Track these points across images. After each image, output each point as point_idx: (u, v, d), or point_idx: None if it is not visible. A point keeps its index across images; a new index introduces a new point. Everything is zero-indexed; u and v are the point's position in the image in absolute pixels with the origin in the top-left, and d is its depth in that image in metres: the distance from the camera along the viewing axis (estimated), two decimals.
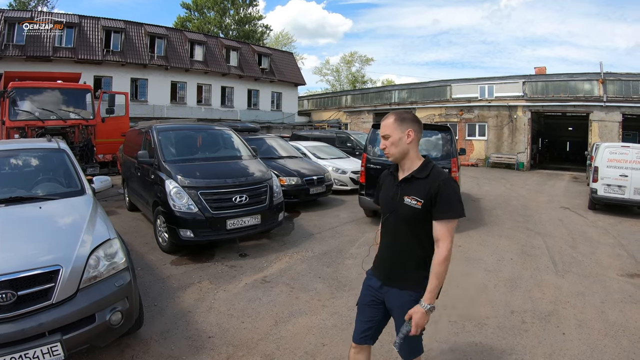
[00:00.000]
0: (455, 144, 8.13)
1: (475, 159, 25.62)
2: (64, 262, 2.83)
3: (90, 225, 3.32)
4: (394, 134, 2.23)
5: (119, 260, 3.19)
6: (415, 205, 2.18)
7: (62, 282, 2.77)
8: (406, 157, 2.27)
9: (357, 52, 60.60)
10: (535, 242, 7.15)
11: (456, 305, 4.39)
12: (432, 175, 2.20)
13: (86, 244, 3.05)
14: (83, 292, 2.86)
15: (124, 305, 3.04)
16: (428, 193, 2.15)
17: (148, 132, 7.19)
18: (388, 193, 2.37)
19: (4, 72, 11.82)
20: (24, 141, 6.12)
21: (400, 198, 2.25)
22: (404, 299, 2.26)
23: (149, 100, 26.34)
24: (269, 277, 5.19)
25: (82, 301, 2.83)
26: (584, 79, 22.80)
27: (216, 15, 44.40)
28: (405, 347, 2.26)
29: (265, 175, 6.74)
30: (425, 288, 2.20)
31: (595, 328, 4.00)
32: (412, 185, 2.23)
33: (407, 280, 2.27)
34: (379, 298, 2.40)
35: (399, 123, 2.25)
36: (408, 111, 2.35)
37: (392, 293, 2.32)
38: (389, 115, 2.29)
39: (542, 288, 5.02)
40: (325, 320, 4.03)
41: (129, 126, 11.81)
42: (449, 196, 2.13)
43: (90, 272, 2.94)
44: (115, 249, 3.23)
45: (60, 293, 2.75)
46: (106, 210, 8.89)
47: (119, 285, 3.05)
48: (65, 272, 2.80)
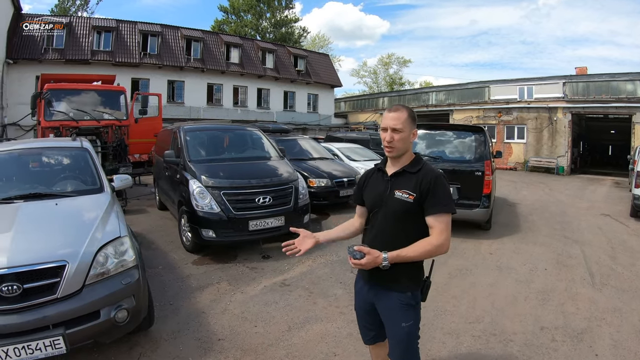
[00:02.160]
0: (490, 146, 7.80)
1: (513, 163, 24.76)
2: (70, 258, 2.84)
3: (102, 223, 3.31)
4: (406, 130, 2.09)
5: (129, 258, 3.17)
6: (407, 199, 2.06)
7: (68, 277, 2.79)
8: (405, 154, 2.15)
9: (394, 53, 59.69)
10: (572, 251, 6.72)
11: (481, 318, 4.14)
12: (423, 170, 2.11)
13: (95, 241, 3.05)
14: (89, 288, 2.87)
15: (130, 303, 3.02)
16: (420, 187, 2.04)
17: (176, 132, 7.25)
18: (377, 188, 2.23)
19: (40, 75, 12.23)
20: (48, 140, 6.27)
21: (390, 192, 2.13)
22: (392, 301, 2.13)
23: (185, 102, 26.79)
24: (288, 280, 5.09)
25: (88, 297, 2.84)
26: (626, 79, 21.68)
27: (253, 18, 44.90)
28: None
29: (291, 176, 6.65)
30: (415, 287, 2.11)
31: (631, 350, 3.63)
32: (403, 179, 2.12)
33: (395, 280, 2.11)
34: (369, 301, 2.27)
35: (412, 120, 2.12)
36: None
37: (380, 295, 2.18)
38: (399, 108, 2.13)
39: (577, 302, 4.67)
40: (341, 329, 3.86)
41: (161, 127, 11.99)
42: (441, 192, 2.05)
43: (97, 269, 2.95)
44: (126, 247, 3.21)
45: (65, 288, 2.78)
46: (137, 208, 9.35)
47: (125, 283, 3.02)
48: (72, 268, 2.81)
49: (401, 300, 2.09)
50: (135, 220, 8.13)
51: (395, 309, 2.10)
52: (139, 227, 7.52)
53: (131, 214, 8.77)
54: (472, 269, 5.66)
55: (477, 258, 6.20)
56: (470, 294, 4.80)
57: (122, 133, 10.43)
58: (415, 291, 2.14)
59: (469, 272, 5.54)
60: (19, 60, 21.22)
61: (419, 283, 2.17)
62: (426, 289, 2.18)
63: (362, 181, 2.40)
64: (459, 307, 4.39)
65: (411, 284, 2.13)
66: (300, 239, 2.32)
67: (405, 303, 2.09)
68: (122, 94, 11.00)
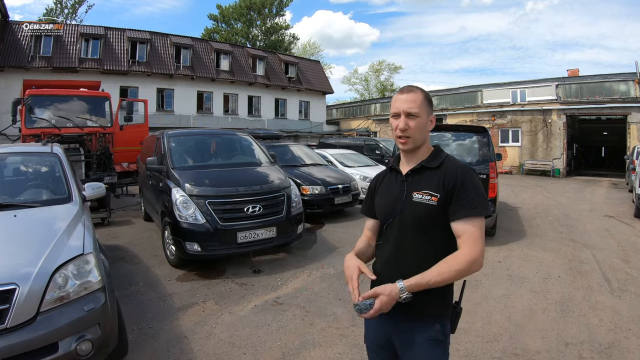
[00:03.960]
0: (492, 147, 7.40)
1: (509, 166, 24.47)
2: (21, 280, 2.39)
3: (64, 237, 2.85)
4: (423, 115, 1.65)
5: (93, 279, 2.69)
6: (429, 202, 1.60)
7: (18, 303, 2.33)
8: (422, 146, 1.71)
9: (385, 60, 59.92)
10: (583, 256, 6.34)
11: (499, 336, 3.70)
12: (445, 163, 1.66)
13: (53, 259, 2.58)
14: (44, 316, 2.41)
15: (95, 333, 2.55)
16: (444, 185, 1.58)
17: (159, 138, 6.81)
18: (390, 193, 1.76)
19: (23, 80, 11.77)
20: (15, 145, 5.81)
21: (407, 195, 1.66)
22: (415, 337, 1.63)
23: (175, 110, 26.38)
24: (282, 298, 4.60)
25: (43, 327, 2.38)
26: (619, 80, 21.59)
27: (243, 26, 44.64)
28: None
29: (283, 183, 6.19)
30: (444, 317, 1.63)
31: None
32: (422, 178, 1.67)
33: (418, 309, 1.60)
34: (384, 334, 1.75)
35: (428, 103, 1.68)
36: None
37: (399, 327, 1.68)
38: (412, 88, 1.69)
39: (598, 312, 4.26)
40: (342, 355, 3.37)
41: (148, 134, 11.55)
42: (471, 188, 1.58)
43: (55, 292, 2.48)
44: (90, 265, 2.73)
45: (15, 316, 2.32)
46: (122, 220, 8.87)
47: (89, 310, 2.55)
48: (22, 292, 2.36)
49: (427, 335, 1.60)
50: (119, 232, 7.71)
51: (420, 347, 1.61)
52: (122, 240, 7.08)
53: (115, 225, 8.35)
54: (482, 279, 5.23)
55: (486, 267, 5.76)
56: (484, 308, 4.36)
57: (107, 141, 9.98)
58: (445, 321, 1.65)
59: (479, 283, 5.10)
60: (5, 68, 20.86)
61: (449, 310, 1.68)
62: (457, 317, 1.70)
63: (373, 186, 1.92)
64: (473, 324, 3.93)
65: (439, 312, 1.64)
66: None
67: (433, 338, 1.60)
68: (107, 100, 10.54)
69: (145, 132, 12.27)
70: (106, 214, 8.40)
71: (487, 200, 1.61)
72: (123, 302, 4.19)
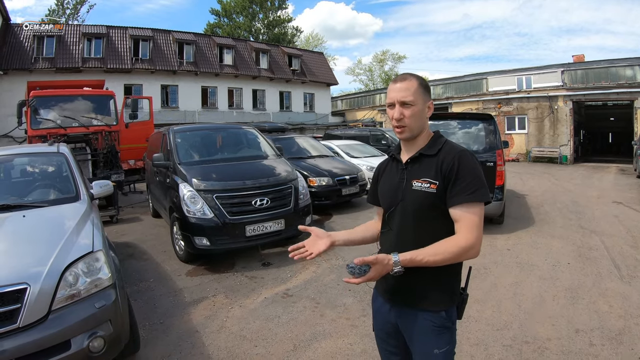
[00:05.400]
0: (499, 134, 7.34)
1: (515, 154, 24.27)
2: (32, 279, 2.40)
3: (74, 236, 2.86)
4: (418, 102, 1.63)
5: (104, 276, 2.71)
6: (429, 190, 1.59)
7: (30, 302, 2.35)
8: (421, 134, 1.69)
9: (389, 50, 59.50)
10: (592, 243, 6.30)
11: (510, 323, 3.69)
12: (444, 149, 1.63)
13: (62, 258, 2.60)
14: (56, 315, 2.43)
15: (107, 330, 2.57)
16: (441, 172, 1.57)
17: (165, 134, 6.82)
18: (391, 182, 1.76)
19: (27, 82, 11.81)
20: (22, 146, 5.84)
21: (407, 184, 1.66)
22: (421, 323, 1.63)
23: (180, 106, 26.41)
24: (291, 290, 4.62)
25: (54, 325, 2.40)
26: (625, 65, 21.33)
27: (245, 20, 44.46)
28: None
29: (290, 175, 6.19)
30: (450, 303, 1.63)
31: None
32: (421, 166, 1.66)
33: (423, 296, 1.63)
34: (391, 322, 1.76)
35: (424, 89, 1.66)
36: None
37: (405, 315, 1.69)
38: (406, 76, 1.67)
39: (608, 299, 4.24)
40: (353, 345, 3.39)
41: (153, 131, 11.58)
42: (468, 173, 1.56)
43: (66, 290, 2.50)
44: (100, 263, 2.75)
45: (27, 315, 2.34)
46: (130, 217, 8.93)
47: (100, 307, 2.57)
48: (34, 291, 2.37)
49: (433, 321, 1.61)
50: (127, 229, 7.76)
51: (426, 333, 1.61)
52: (131, 237, 7.13)
53: (124, 222, 8.41)
54: (491, 267, 5.22)
55: (495, 255, 5.75)
56: (494, 296, 4.35)
57: (113, 139, 10.00)
58: (451, 308, 1.65)
59: (488, 271, 5.09)
60: (9, 70, 20.92)
61: (455, 297, 1.68)
62: (463, 303, 1.70)
63: (376, 175, 1.93)
64: (483, 312, 3.93)
65: (445, 299, 1.64)
66: (312, 239, 1.72)
67: (438, 325, 1.60)
68: (111, 98, 10.55)
69: (151, 129, 12.27)
70: (114, 212, 8.47)
71: (486, 186, 1.59)
72: (134, 298, 4.24)
